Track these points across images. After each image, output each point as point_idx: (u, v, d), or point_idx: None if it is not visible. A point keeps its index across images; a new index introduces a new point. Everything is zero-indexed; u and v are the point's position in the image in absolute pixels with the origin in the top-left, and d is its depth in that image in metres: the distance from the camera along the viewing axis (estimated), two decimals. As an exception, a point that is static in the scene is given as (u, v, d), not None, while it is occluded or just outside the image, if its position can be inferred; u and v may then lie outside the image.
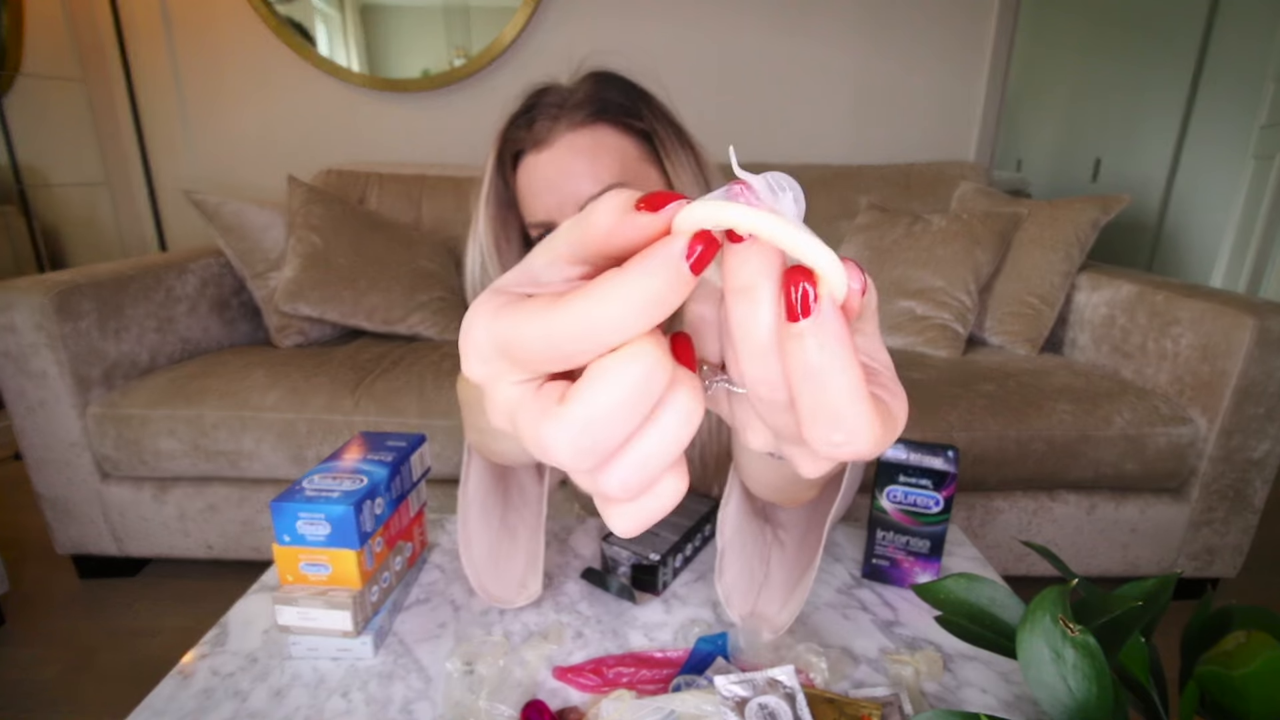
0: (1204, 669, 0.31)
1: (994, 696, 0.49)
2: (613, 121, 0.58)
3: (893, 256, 1.68)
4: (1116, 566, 1.39)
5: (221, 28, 2.07)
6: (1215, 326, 1.25)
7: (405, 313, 1.64)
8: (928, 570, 0.61)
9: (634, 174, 0.58)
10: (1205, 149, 2.74)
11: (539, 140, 0.57)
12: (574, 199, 0.56)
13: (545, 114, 0.57)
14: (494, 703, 0.45)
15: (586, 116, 0.57)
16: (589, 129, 0.57)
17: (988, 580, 0.39)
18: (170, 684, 0.50)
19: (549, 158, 0.56)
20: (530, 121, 0.57)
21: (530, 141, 0.57)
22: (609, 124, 0.58)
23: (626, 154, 0.58)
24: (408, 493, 0.60)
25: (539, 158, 0.57)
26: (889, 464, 0.60)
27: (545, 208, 0.57)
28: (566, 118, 0.56)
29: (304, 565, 0.51)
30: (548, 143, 0.56)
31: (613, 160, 0.57)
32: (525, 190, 0.58)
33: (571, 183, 0.56)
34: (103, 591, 1.47)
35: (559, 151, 0.56)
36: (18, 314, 1.25)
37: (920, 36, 2.09)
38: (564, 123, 0.56)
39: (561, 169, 0.56)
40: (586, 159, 0.56)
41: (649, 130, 0.59)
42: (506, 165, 0.59)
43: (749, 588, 0.55)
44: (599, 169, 0.56)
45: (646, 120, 0.59)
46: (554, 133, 0.56)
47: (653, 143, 0.60)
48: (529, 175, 0.57)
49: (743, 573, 0.55)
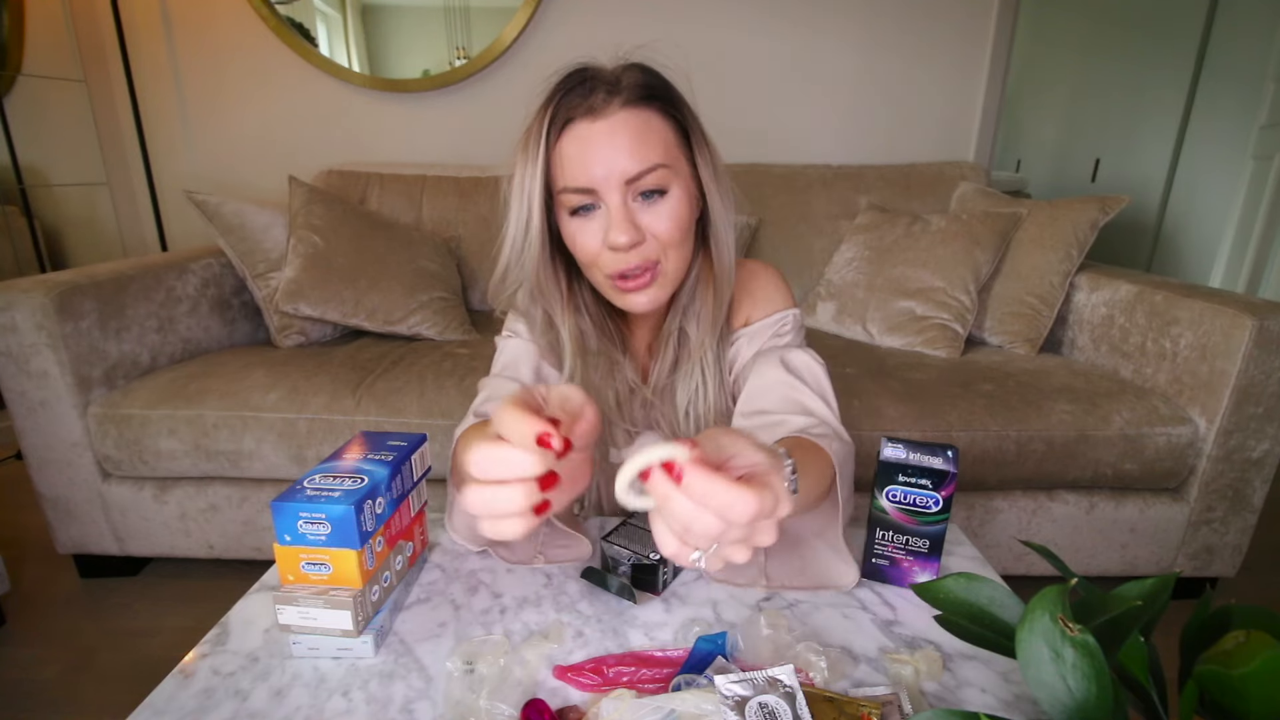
0: (1203, 668, 0.31)
1: (994, 696, 0.49)
2: (661, 109, 0.62)
3: (892, 256, 1.68)
4: (1115, 566, 1.39)
5: (222, 28, 2.07)
6: (1214, 326, 1.25)
7: (406, 313, 1.64)
8: (926, 570, 0.61)
9: (673, 159, 0.62)
10: (1205, 149, 2.74)
11: (594, 109, 0.59)
12: (620, 173, 0.59)
13: (601, 87, 0.60)
14: (494, 702, 0.45)
15: (640, 97, 0.60)
16: (641, 109, 0.60)
17: (987, 580, 0.39)
18: (171, 683, 0.50)
19: (603, 128, 0.59)
20: (588, 91, 0.60)
21: (584, 109, 0.59)
22: (658, 110, 0.61)
23: (669, 140, 0.62)
24: (408, 492, 0.60)
25: (593, 126, 0.59)
26: (889, 464, 0.60)
27: (590, 176, 0.59)
28: (622, 95, 0.60)
29: (305, 565, 0.51)
30: (603, 114, 0.59)
31: (658, 142, 0.61)
32: (570, 155, 0.60)
33: (621, 157, 0.59)
34: (103, 591, 1.47)
35: (614, 124, 0.59)
36: (19, 314, 1.25)
37: (920, 36, 2.09)
38: (620, 98, 0.59)
39: (613, 141, 0.59)
40: (637, 136, 0.59)
41: (686, 126, 0.64)
42: (553, 128, 0.61)
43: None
44: (646, 149, 0.59)
45: (687, 118, 0.64)
46: (609, 106, 0.59)
47: (688, 137, 0.64)
48: (579, 141, 0.60)
49: None
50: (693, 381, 0.72)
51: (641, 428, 0.76)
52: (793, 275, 1.90)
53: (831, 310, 1.74)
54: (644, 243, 0.62)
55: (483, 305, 1.91)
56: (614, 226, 0.60)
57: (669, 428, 0.75)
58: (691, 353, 0.72)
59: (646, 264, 0.63)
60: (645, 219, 0.61)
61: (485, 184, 1.93)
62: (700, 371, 0.72)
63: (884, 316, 1.64)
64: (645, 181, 0.60)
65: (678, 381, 0.73)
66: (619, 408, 0.74)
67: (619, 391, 0.73)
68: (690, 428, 0.73)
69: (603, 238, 0.61)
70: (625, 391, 0.74)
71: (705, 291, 0.71)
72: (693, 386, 0.72)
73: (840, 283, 1.75)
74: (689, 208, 0.64)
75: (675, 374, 0.73)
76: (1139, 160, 3.01)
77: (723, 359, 0.74)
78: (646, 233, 0.62)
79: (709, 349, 0.72)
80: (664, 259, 0.64)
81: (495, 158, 2.12)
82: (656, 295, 0.65)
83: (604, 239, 0.61)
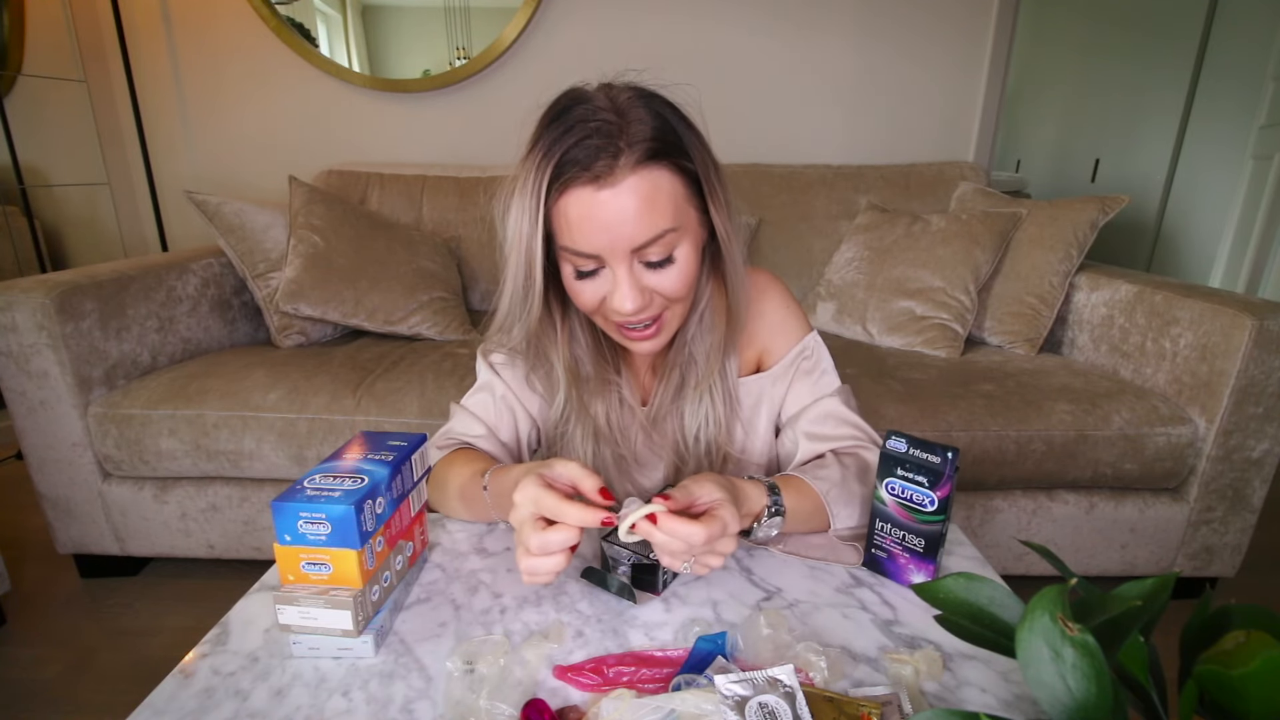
0: (1203, 668, 0.31)
1: (994, 696, 0.49)
2: (670, 164, 0.58)
3: (892, 256, 1.68)
4: (1115, 566, 1.39)
5: (222, 28, 2.07)
6: (1214, 326, 1.25)
7: (406, 313, 1.64)
8: (922, 570, 0.61)
9: (683, 216, 0.59)
10: (1204, 149, 2.74)
11: (598, 177, 0.55)
12: (627, 242, 0.57)
13: (607, 150, 0.55)
14: (494, 702, 0.45)
15: (647, 157, 0.56)
16: (649, 171, 0.56)
17: (987, 580, 0.39)
18: (171, 683, 0.50)
19: (609, 198, 0.55)
20: (594, 151, 0.55)
21: (589, 176, 0.55)
22: (666, 166, 0.57)
23: (678, 198, 0.59)
24: (408, 492, 0.60)
25: (598, 195, 0.55)
26: (890, 455, 0.61)
27: (594, 244, 0.57)
28: (627, 155, 0.55)
29: (305, 565, 0.51)
30: (608, 181, 0.55)
31: (668, 205, 0.57)
32: (574, 219, 0.57)
33: (629, 227, 0.56)
34: (104, 591, 1.47)
35: (620, 193, 0.55)
36: (19, 314, 1.25)
37: (920, 36, 2.09)
38: (624, 160, 0.55)
39: (620, 212, 0.56)
40: (646, 205, 0.56)
41: (699, 173, 0.60)
42: (553, 186, 0.57)
43: None
44: (655, 216, 0.57)
45: (697, 162, 0.60)
46: (615, 172, 0.55)
47: (699, 183, 0.61)
48: (583, 207, 0.56)
49: None
50: (702, 406, 0.72)
51: (639, 449, 0.76)
52: (793, 275, 1.90)
53: (831, 310, 1.74)
54: (650, 303, 0.61)
55: (482, 305, 1.92)
56: (619, 294, 0.59)
57: (672, 453, 0.75)
58: (700, 377, 0.71)
59: (652, 318, 0.63)
60: (652, 280, 0.60)
61: (485, 184, 1.93)
62: (710, 395, 0.72)
63: (884, 316, 1.64)
64: (652, 251, 0.58)
65: (685, 405, 0.73)
66: (611, 429, 0.74)
67: (613, 411, 0.74)
68: (700, 450, 0.73)
69: (605, 295, 0.60)
70: (619, 411, 0.74)
71: (716, 320, 0.70)
72: (703, 411, 0.72)
73: (840, 283, 1.75)
74: (696, 261, 0.62)
75: (681, 398, 0.73)
76: (1139, 160, 3.01)
77: (730, 380, 0.74)
78: (653, 293, 0.61)
79: (717, 372, 0.71)
80: (669, 311, 0.64)
81: (495, 158, 2.12)
82: (661, 341, 0.65)
83: (607, 298, 0.60)
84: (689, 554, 0.52)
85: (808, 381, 0.76)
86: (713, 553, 0.54)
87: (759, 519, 0.63)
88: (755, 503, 0.62)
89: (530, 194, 0.57)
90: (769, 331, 0.76)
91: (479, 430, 0.76)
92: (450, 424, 0.78)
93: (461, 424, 0.77)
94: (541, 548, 0.50)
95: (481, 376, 0.78)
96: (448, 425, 0.78)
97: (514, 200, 0.58)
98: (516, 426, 0.77)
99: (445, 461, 0.74)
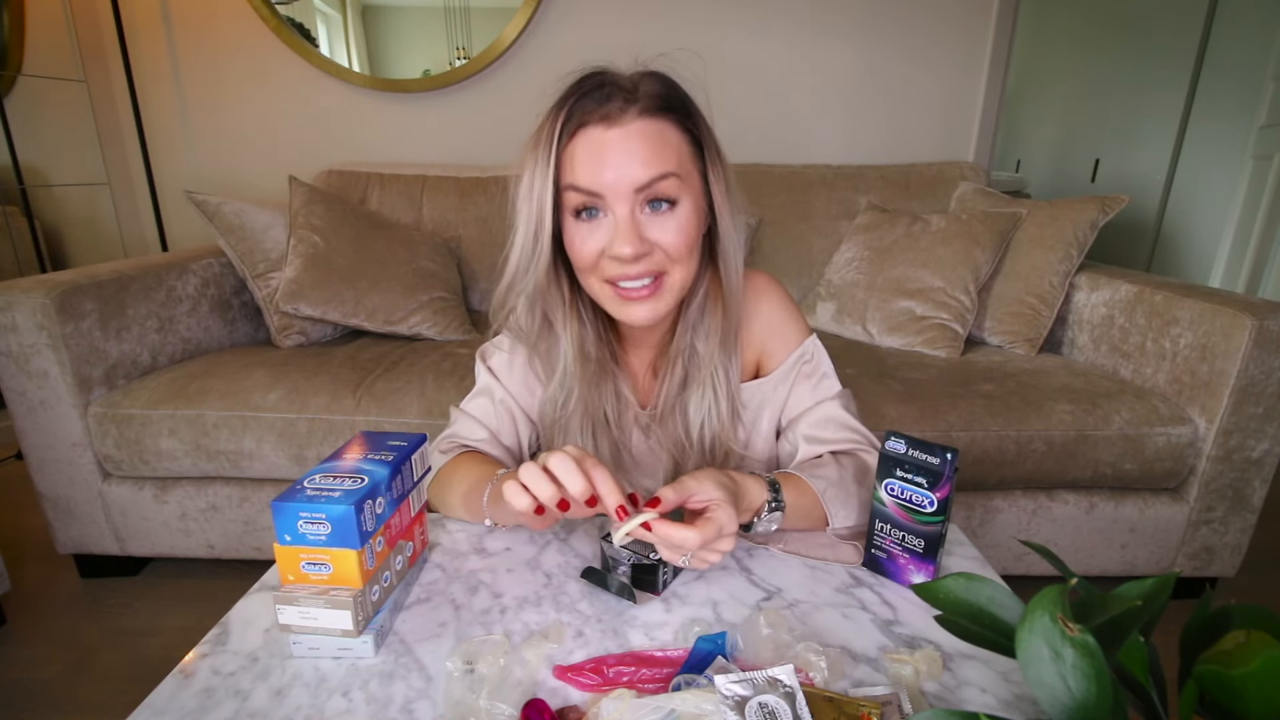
0: (1203, 668, 0.31)
1: (994, 696, 0.49)
2: (677, 121, 0.61)
3: (892, 256, 1.68)
4: (1115, 566, 1.39)
5: (222, 28, 2.07)
6: (1214, 326, 1.25)
7: (406, 313, 1.64)
8: (922, 571, 0.61)
9: (685, 170, 0.62)
10: (1204, 149, 2.74)
11: (609, 116, 0.59)
12: (630, 182, 0.59)
13: (617, 96, 0.59)
14: (494, 702, 0.45)
15: (657, 108, 0.60)
16: (657, 119, 0.60)
17: (987, 580, 0.39)
18: (171, 683, 0.50)
19: (617, 136, 0.59)
20: (605, 98, 0.59)
21: (599, 115, 0.59)
22: (674, 121, 0.61)
23: (683, 151, 0.62)
24: (408, 492, 0.60)
25: (607, 134, 0.59)
26: (889, 456, 0.61)
27: (598, 181, 0.59)
28: (638, 104, 0.59)
29: (305, 565, 0.51)
30: (618, 122, 0.59)
31: (671, 152, 0.60)
32: (582, 158, 0.60)
33: (632, 165, 0.58)
34: (103, 591, 1.47)
35: (629, 133, 0.59)
36: (19, 314, 1.25)
37: (920, 36, 2.09)
38: (636, 107, 0.59)
39: (627, 150, 0.58)
40: (652, 146, 0.59)
41: (700, 139, 0.64)
42: (565, 130, 0.60)
43: None
44: (658, 158, 0.59)
45: (701, 130, 0.63)
46: (625, 114, 0.59)
47: (701, 151, 0.64)
48: (591, 146, 0.59)
49: None
50: (705, 400, 0.72)
51: (635, 447, 0.77)
52: (793, 275, 1.90)
53: (831, 310, 1.74)
54: (650, 254, 0.61)
55: (483, 305, 1.91)
56: (619, 236, 0.59)
57: (675, 448, 0.75)
58: (702, 368, 0.71)
59: (651, 275, 0.62)
60: (652, 231, 0.61)
61: (485, 184, 1.93)
62: (712, 389, 0.72)
63: (884, 316, 1.64)
64: (655, 189, 0.59)
65: (689, 400, 0.73)
66: (609, 421, 0.74)
67: (609, 402, 0.74)
68: (706, 445, 0.73)
69: (605, 245, 0.61)
70: (617, 404, 0.74)
71: (714, 307, 0.70)
72: (706, 405, 0.72)
73: (840, 283, 1.75)
74: (697, 222, 0.63)
75: (686, 392, 0.73)
76: (1139, 160, 3.01)
77: (732, 376, 0.74)
78: (653, 244, 0.61)
79: (719, 365, 0.71)
80: (669, 272, 0.63)
81: (495, 158, 2.12)
82: (657, 308, 0.64)
83: (606, 246, 0.61)
84: (683, 553, 0.54)
85: (808, 385, 0.76)
86: (711, 550, 0.55)
87: (759, 514, 0.63)
88: (755, 498, 0.63)
89: (544, 142, 0.60)
90: (768, 334, 0.76)
91: (482, 434, 0.76)
92: (453, 428, 0.78)
93: (465, 428, 0.77)
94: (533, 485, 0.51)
95: (481, 380, 0.78)
96: (450, 429, 0.78)
97: (527, 154, 0.62)
98: (517, 430, 0.78)
99: (451, 464, 0.74)
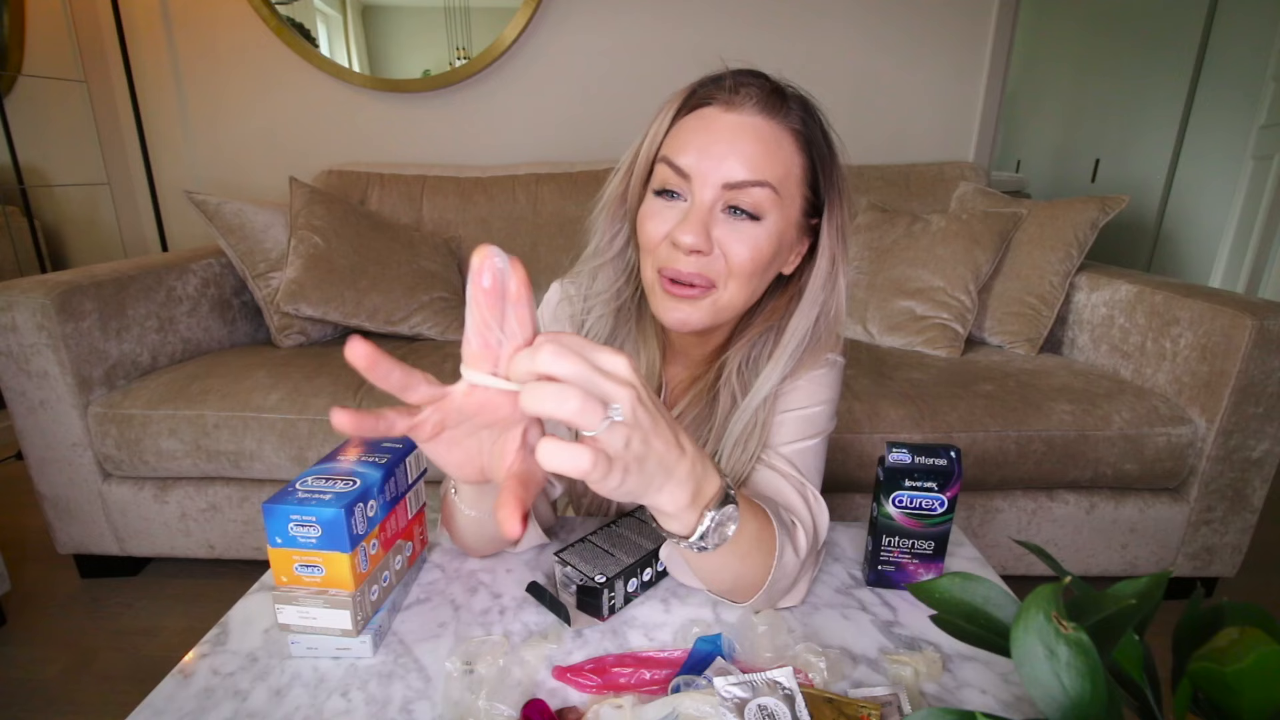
0: (1197, 666, 0.31)
1: (993, 697, 0.49)
2: (800, 139, 0.58)
3: (893, 256, 1.68)
4: (1116, 566, 1.39)
5: (222, 28, 2.07)
6: (1214, 326, 1.25)
7: (407, 313, 1.64)
8: (931, 570, 0.61)
9: (787, 192, 0.57)
10: (1204, 149, 2.74)
11: (732, 102, 0.56)
12: (723, 174, 0.55)
13: (754, 88, 0.56)
14: (494, 702, 0.46)
15: (785, 116, 0.57)
16: (779, 125, 0.56)
17: (983, 579, 0.39)
18: (171, 683, 0.51)
19: (730, 123, 0.55)
20: (737, 85, 0.56)
21: (724, 100, 0.56)
22: (796, 137, 0.57)
23: (792, 171, 0.57)
24: (403, 494, 0.60)
25: (722, 116, 0.56)
26: (894, 469, 0.59)
27: (695, 160, 0.56)
28: (769, 102, 0.56)
29: (298, 567, 0.51)
30: (738, 109, 0.56)
31: (779, 163, 0.56)
32: (689, 131, 0.57)
33: (732, 157, 0.55)
34: (103, 591, 1.48)
35: (742, 124, 0.55)
36: (19, 314, 1.25)
37: (920, 36, 2.09)
38: (764, 104, 0.56)
39: (734, 139, 0.55)
40: (762, 147, 0.55)
41: (819, 173, 0.59)
42: (688, 102, 0.58)
43: None
44: (763, 162, 0.55)
45: (826, 163, 0.59)
46: (748, 104, 0.56)
47: (817, 181, 0.60)
48: (704, 122, 0.56)
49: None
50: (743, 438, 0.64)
51: None
52: (792, 275, 1.90)
53: (831, 310, 1.73)
54: (709, 256, 0.56)
55: (483, 305, 1.91)
56: (687, 221, 0.55)
57: None
58: (742, 410, 0.64)
59: (702, 279, 0.57)
60: (722, 233, 0.56)
61: (485, 184, 1.93)
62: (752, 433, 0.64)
63: (884, 316, 1.64)
64: (744, 195, 0.55)
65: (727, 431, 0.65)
66: None
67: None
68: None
69: (670, 228, 0.57)
70: None
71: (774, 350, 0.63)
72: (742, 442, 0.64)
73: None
74: (775, 249, 0.58)
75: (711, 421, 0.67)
76: (1139, 160, 3.01)
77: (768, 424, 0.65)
78: (717, 247, 0.56)
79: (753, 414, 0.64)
80: (722, 286, 0.58)
81: (495, 158, 2.13)
82: (695, 316, 0.58)
83: (673, 231, 0.56)
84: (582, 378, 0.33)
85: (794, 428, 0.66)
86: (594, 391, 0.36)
87: (709, 506, 0.44)
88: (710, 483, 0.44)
89: (665, 111, 0.59)
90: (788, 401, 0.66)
91: None
92: None
93: None
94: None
95: None
96: None
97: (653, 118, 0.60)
98: None
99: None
